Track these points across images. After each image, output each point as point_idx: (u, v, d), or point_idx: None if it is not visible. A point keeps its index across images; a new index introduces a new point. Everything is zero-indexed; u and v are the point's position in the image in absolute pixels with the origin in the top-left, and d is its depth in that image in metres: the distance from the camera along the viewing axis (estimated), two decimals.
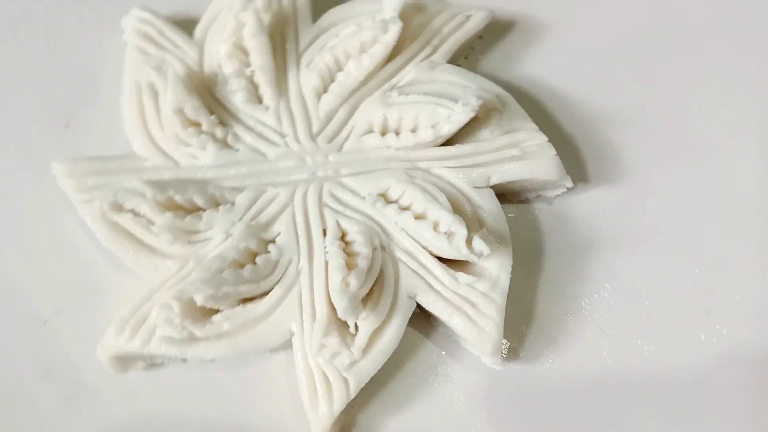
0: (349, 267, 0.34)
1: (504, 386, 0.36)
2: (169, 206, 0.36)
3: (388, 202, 0.36)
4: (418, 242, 0.35)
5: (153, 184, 0.36)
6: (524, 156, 0.37)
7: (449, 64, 0.39)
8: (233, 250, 0.35)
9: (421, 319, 0.36)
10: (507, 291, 0.35)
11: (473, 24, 0.41)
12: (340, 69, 0.39)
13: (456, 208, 0.35)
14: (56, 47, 0.43)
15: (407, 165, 0.37)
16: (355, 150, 0.38)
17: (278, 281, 0.35)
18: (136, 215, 0.36)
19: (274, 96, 0.38)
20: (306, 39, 0.40)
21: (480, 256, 0.34)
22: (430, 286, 0.35)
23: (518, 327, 0.37)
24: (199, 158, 0.37)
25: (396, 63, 0.39)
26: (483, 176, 0.37)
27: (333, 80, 0.39)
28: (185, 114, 0.37)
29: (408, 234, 0.35)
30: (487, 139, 0.37)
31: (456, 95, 0.36)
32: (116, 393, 0.36)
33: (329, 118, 0.38)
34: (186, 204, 0.36)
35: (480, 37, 0.42)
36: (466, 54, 0.42)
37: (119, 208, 0.36)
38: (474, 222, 0.36)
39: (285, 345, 0.35)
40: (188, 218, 0.36)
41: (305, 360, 0.34)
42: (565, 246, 0.38)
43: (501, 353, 0.35)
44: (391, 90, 0.38)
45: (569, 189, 0.39)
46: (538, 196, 0.39)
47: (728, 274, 0.38)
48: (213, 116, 0.37)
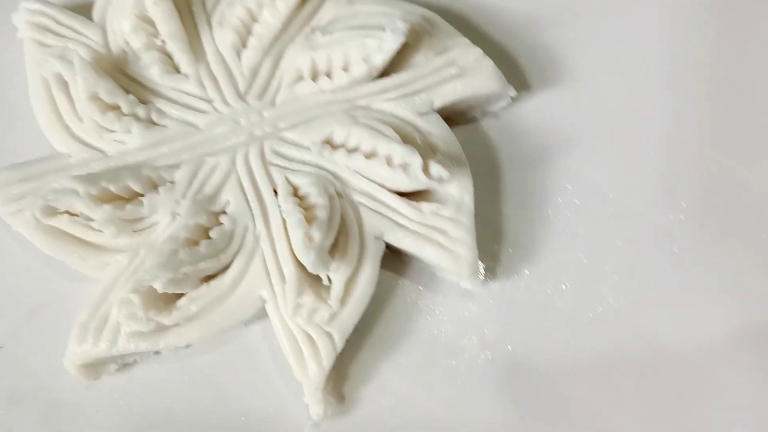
0: (309, 221, 0.32)
1: (488, 307, 0.35)
2: (106, 198, 0.33)
3: (335, 148, 0.34)
4: (374, 181, 0.34)
5: (83, 179, 0.33)
6: (463, 73, 0.36)
7: None
8: (184, 229, 0.33)
9: (392, 259, 0.35)
10: (473, 211, 0.34)
11: None
12: (255, 20, 0.37)
13: (405, 139, 0.34)
14: None
15: (346, 106, 0.35)
16: (289, 101, 0.36)
17: (238, 251, 0.33)
18: (73, 215, 0.34)
19: (191, 62, 0.36)
20: None
21: (440, 181, 0.33)
22: (396, 223, 0.34)
23: (490, 246, 0.36)
24: (126, 142, 0.35)
25: (312, 3, 0.37)
26: (426, 101, 0.35)
27: (250, 33, 0.37)
28: (101, 99, 0.35)
29: (362, 175, 0.34)
30: (423, 64, 0.36)
31: (382, 24, 0.35)
32: (95, 402, 0.34)
33: (254, 74, 0.36)
34: (123, 192, 0.34)
35: None
36: None
37: (53, 212, 0.33)
38: (426, 149, 0.34)
39: (258, 315, 0.34)
40: (128, 207, 0.33)
41: (284, 324, 0.33)
42: (521, 157, 0.38)
43: (479, 275, 0.34)
44: (313, 32, 0.37)
45: (513, 99, 0.38)
46: (484, 113, 0.38)
47: (684, 154, 0.38)
48: (131, 96, 0.35)
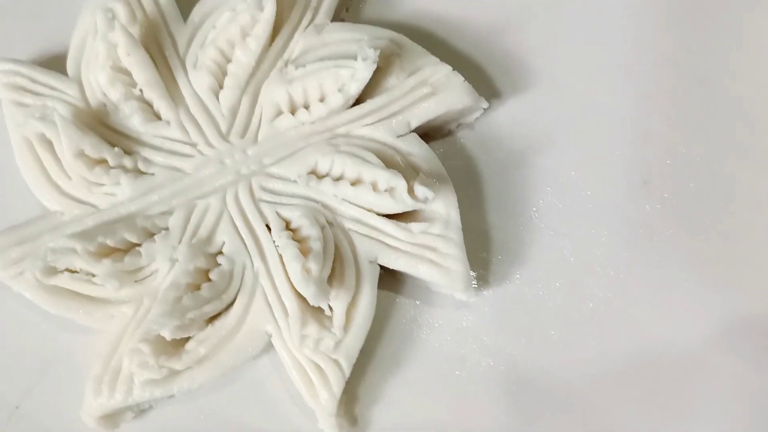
0: (304, 253, 0.33)
1: (484, 314, 0.37)
2: (104, 252, 0.34)
3: (321, 178, 0.35)
4: (363, 207, 0.35)
5: (80, 236, 0.34)
6: (435, 91, 0.37)
7: (334, 23, 0.39)
8: (184, 275, 0.34)
9: (388, 278, 0.36)
10: (460, 226, 0.35)
11: None
12: (229, 60, 0.37)
13: (388, 163, 0.35)
14: None
15: (327, 135, 0.36)
16: (271, 136, 0.37)
17: (239, 289, 0.34)
18: (73, 272, 0.34)
19: (171, 107, 0.37)
20: (183, 40, 0.38)
21: (426, 201, 0.34)
22: (388, 246, 0.35)
23: (479, 255, 0.37)
24: (117, 194, 0.36)
25: (282, 37, 0.38)
26: (403, 123, 0.36)
27: (225, 73, 0.37)
28: (87, 155, 0.35)
29: (350, 202, 0.35)
30: (396, 86, 0.37)
31: (352, 52, 0.36)
32: None
33: (234, 113, 0.37)
34: (120, 245, 0.34)
35: None
36: (347, 6, 0.41)
37: (53, 271, 0.34)
38: (409, 170, 0.36)
39: (265, 348, 0.35)
40: (127, 258, 0.34)
41: (291, 356, 0.34)
42: (499, 164, 0.39)
43: (472, 286, 0.36)
44: (286, 66, 0.37)
45: (486, 109, 0.39)
46: (459, 125, 0.39)
47: (654, 144, 0.39)
48: (116, 148, 0.36)
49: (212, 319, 0.34)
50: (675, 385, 0.35)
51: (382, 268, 0.35)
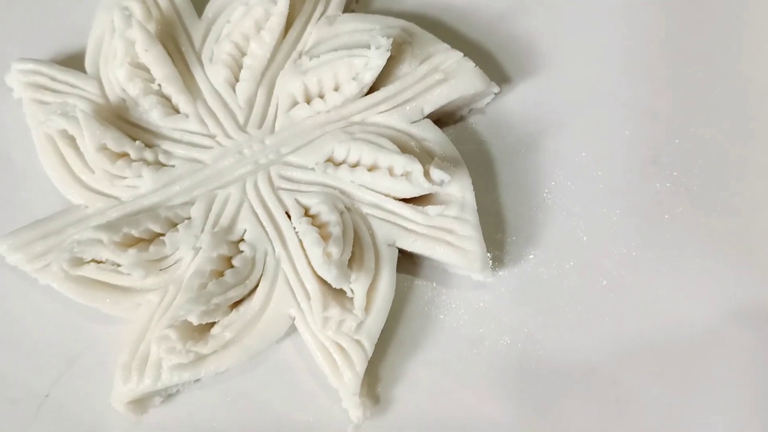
0: (324, 238, 0.34)
1: (500, 294, 0.37)
2: (129, 243, 0.35)
3: (338, 165, 0.36)
4: (380, 192, 0.36)
5: (105, 228, 0.35)
6: (447, 77, 0.37)
7: (346, 14, 0.39)
8: (208, 262, 0.35)
9: (405, 261, 0.37)
10: (476, 207, 0.36)
11: None
12: (244, 53, 0.38)
13: (403, 148, 0.36)
14: None
15: (342, 124, 0.37)
16: (288, 126, 0.38)
17: (261, 275, 0.35)
18: (99, 262, 0.35)
19: (189, 101, 0.38)
20: (198, 35, 0.39)
21: (442, 185, 0.35)
22: (405, 229, 0.36)
23: (494, 237, 0.38)
24: (139, 187, 0.37)
25: (295, 29, 0.39)
26: (416, 109, 0.37)
27: (241, 66, 0.38)
28: (109, 149, 0.36)
29: (367, 188, 0.36)
30: (408, 73, 0.38)
31: (365, 41, 0.37)
32: None
33: (251, 105, 0.38)
34: (144, 235, 0.35)
35: None
36: None
37: (80, 262, 0.35)
38: (424, 155, 0.36)
39: (289, 331, 0.36)
40: (152, 248, 0.35)
41: (315, 338, 0.34)
42: (511, 148, 0.40)
43: (489, 266, 0.36)
44: (300, 57, 0.38)
45: (497, 94, 0.40)
46: (471, 111, 0.40)
47: (661, 123, 0.40)
48: (137, 142, 0.37)
49: (236, 305, 0.35)
50: (690, 361, 0.36)
51: (400, 252, 0.36)
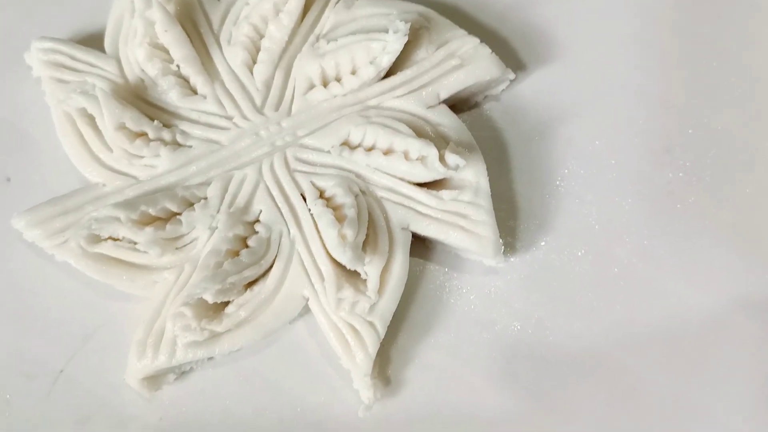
0: (339, 220, 0.34)
1: (511, 280, 0.38)
2: (146, 221, 0.35)
3: (353, 148, 0.36)
4: (395, 176, 0.36)
5: (123, 206, 0.35)
6: (464, 63, 0.38)
7: None
8: (223, 242, 0.35)
9: (417, 245, 0.37)
10: (490, 193, 0.36)
11: None
12: (262, 36, 0.38)
13: (418, 132, 0.36)
14: None
15: (359, 107, 0.37)
16: (304, 109, 0.38)
17: (276, 255, 0.35)
18: (116, 240, 0.36)
19: (207, 82, 0.38)
20: (217, 17, 0.39)
21: (457, 169, 0.35)
22: (419, 213, 0.36)
23: (506, 223, 0.38)
24: (157, 166, 0.37)
25: (313, 13, 0.39)
26: (432, 94, 0.37)
27: (258, 49, 0.38)
28: (128, 128, 0.37)
29: (382, 171, 0.36)
30: (425, 58, 0.38)
31: (382, 26, 0.37)
32: (158, 411, 0.36)
33: (268, 87, 0.38)
34: (161, 214, 0.36)
35: None
36: None
37: (97, 239, 0.35)
38: (439, 140, 0.37)
39: (301, 312, 0.36)
40: (168, 226, 0.35)
41: (328, 319, 0.35)
42: (525, 135, 0.40)
43: (502, 252, 0.36)
44: (318, 40, 0.38)
45: (512, 81, 0.40)
46: (486, 97, 0.40)
47: (675, 112, 0.40)
48: (155, 122, 0.37)
49: (251, 284, 0.36)
50: (699, 350, 0.36)
51: (412, 236, 0.36)
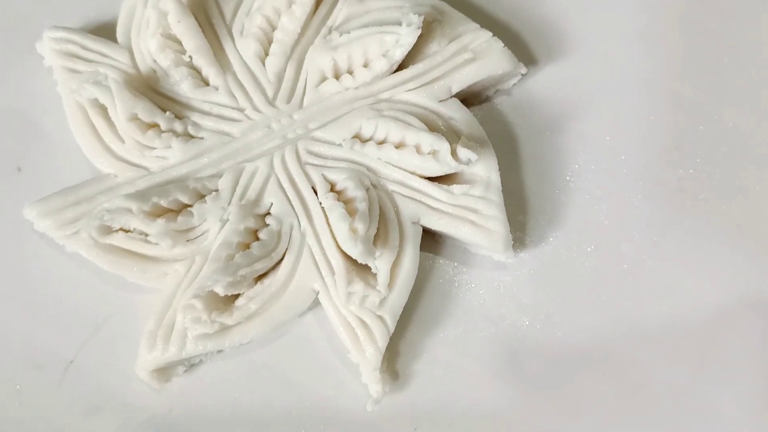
0: (350, 214, 0.34)
1: (520, 275, 0.38)
2: (157, 212, 0.35)
3: (365, 142, 0.36)
4: (406, 170, 0.36)
5: (134, 197, 0.35)
6: (476, 57, 0.37)
7: None
8: (235, 234, 0.35)
9: (427, 240, 0.37)
10: (501, 188, 0.36)
11: None
12: (274, 27, 0.38)
13: (430, 126, 0.36)
14: None
15: (371, 100, 0.37)
16: (316, 102, 0.38)
17: (287, 248, 0.36)
18: (127, 231, 0.36)
19: (219, 74, 0.38)
20: (229, 8, 0.39)
21: (468, 164, 0.35)
22: (430, 207, 0.36)
23: (516, 218, 0.38)
24: (168, 158, 0.37)
25: (326, 5, 0.39)
26: (444, 88, 0.37)
27: (271, 41, 0.38)
28: (140, 119, 0.37)
29: (394, 165, 0.36)
30: (437, 52, 0.38)
31: (394, 19, 0.37)
32: (167, 403, 0.36)
33: (280, 79, 0.38)
34: (172, 205, 0.36)
35: None
36: None
37: (108, 230, 0.35)
38: (451, 134, 0.37)
39: (311, 306, 0.36)
40: (180, 218, 0.35)
41: (338, 312, 0.35)
42: (535, 129, 0.40)
43: (512, 247, 0.36)
44: (330, 33, 0.38)
45: (523, 75, 0.40)
46: (497, 91, 0.40)
47: (686, 109, 0.40)
48: (168, 113, 0.37)
49: (261, 277, 0.36)
50: (706, 347, 0.36)
51: (422, 230, 0.36)
